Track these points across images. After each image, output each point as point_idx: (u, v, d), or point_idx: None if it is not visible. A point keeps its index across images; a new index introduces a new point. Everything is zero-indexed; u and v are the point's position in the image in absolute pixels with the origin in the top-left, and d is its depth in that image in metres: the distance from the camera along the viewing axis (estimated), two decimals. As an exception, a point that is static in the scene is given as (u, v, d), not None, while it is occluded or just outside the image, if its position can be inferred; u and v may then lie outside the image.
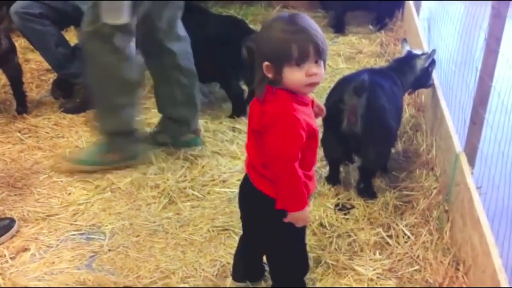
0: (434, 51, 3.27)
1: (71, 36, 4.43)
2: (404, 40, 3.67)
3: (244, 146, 3.34)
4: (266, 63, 1.86)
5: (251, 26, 4.01)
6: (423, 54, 3.31)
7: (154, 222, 2.82)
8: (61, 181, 3.12)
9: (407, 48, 3.44)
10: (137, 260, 2.58)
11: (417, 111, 3.77)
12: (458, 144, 2.83)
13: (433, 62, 3.30)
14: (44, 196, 3.01)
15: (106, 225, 2.80)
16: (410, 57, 3.30)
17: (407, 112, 3.73)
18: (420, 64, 3.24)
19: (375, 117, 2.77)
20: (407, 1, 5.13)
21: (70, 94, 3.98)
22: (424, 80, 3.32)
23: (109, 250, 2.64)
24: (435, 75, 3.44)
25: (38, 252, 2.64)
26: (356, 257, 2.59)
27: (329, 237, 2.71)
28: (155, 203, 2.96)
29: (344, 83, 2.97)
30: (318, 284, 2.43)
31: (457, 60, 3.27)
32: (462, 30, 3.28)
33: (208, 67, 3.80)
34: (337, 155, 3.05)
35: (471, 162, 2.70)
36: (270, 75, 1.88)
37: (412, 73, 3.24)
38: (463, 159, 2.68)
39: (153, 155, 3.32)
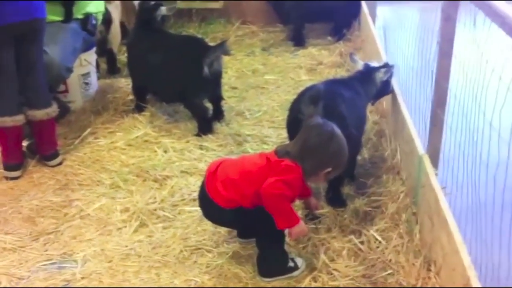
0: (392, 66, 3.29)
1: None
2: (352, 54, 3.63)
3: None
4: (328, 169, 2.40)
5: (211, 44, 4.04)
6: (381, 67, 3.32)
7: (126, 246, 2.80)
8: (29, 211, 3.08)
9: (360, 62, 3.42)
10: (111, 286, 2.55)
11: (379, 117, 3.84)
12: (420, 147, 2.88)
13: (392, 73, 3.32)
14: (12, 227, 2.96)
15: (78, 253, 2.77)
16: (369, 70, 3.31)
17: (370, 119, 3.80)
18: (379, 77, 3.26)
19: None
20: (362, 11, 5.24)
21: None
22: (385, 90, 3.36)
23: (82, 278, 2.61)
24: (395, 81, 3.50)
25: (9, 284, 2.59)
26: (332, 263, 2.61)
27: (305, 246, 2.73)
28: (125, 227, 2.94)
29: (301, 94, 3.01)
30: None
31: (414, 66, 3.34)
32: (416, 36, 3.36)
33: (171, 87, 3.81)
34: None
35: (435, 163, 2.75)
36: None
37: (373, 85, 3.27)
38: (427, 161, 2.73)
39: (121, 179, 3.31)
